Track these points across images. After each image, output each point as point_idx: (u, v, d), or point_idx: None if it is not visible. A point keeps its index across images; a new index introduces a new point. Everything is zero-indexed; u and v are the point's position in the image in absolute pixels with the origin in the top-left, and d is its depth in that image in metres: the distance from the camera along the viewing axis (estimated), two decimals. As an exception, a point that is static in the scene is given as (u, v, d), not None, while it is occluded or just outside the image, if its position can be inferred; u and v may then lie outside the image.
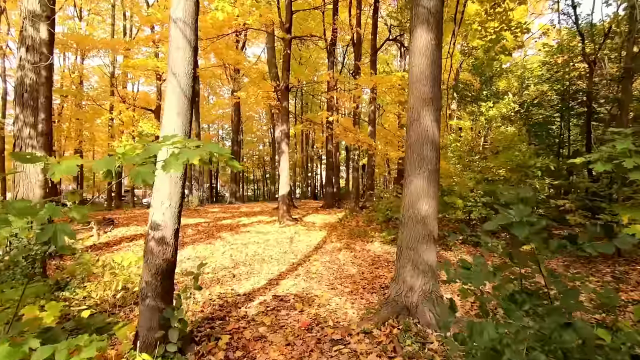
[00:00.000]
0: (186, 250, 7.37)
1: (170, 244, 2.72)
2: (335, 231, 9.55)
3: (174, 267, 2.82)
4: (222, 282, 5.11)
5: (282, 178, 10.91)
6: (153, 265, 2.66)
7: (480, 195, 7.67)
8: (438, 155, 3.69)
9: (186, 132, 2.79)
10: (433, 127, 3.63)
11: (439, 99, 3.74)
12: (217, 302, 4.15)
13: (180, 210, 2.79)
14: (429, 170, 3.60)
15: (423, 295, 3.47)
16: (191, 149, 1.94)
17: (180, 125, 2.74)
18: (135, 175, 1.71)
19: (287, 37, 11.15)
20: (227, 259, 6.62)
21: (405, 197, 3.73)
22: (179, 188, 2.75)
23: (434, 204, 3.60)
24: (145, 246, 2.70)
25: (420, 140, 3.63)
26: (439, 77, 3.70)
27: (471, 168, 9.83)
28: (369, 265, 6.23)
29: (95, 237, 8.14)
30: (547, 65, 14.00)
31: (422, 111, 3.63)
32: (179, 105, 2.74)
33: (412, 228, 3.59)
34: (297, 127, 19.84)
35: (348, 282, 5.18)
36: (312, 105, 29.47)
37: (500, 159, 7.88)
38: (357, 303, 4.21)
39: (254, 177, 41.42)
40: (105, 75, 21.49)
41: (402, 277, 3.61)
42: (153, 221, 2.70)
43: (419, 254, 3.53)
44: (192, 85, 2.83)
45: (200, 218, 12.40)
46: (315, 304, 4.17)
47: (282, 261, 6.47)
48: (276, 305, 4.15)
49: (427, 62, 3.63)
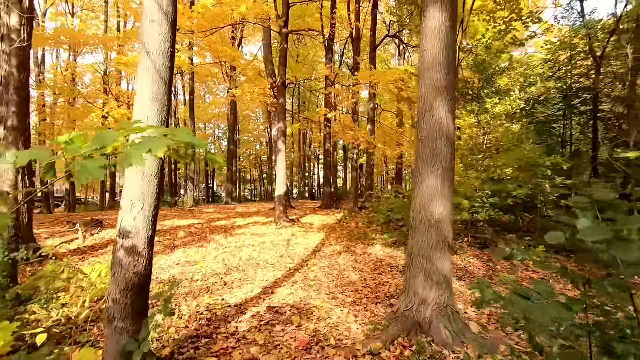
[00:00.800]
0: (176, 254, 6.92)
1: (143, 255, 2.28)
2: (334, 233, 9.12)
3: (148, 282, 2.37)
4: (213, 291, 4.66)
5: (279, 178, 10.48)
6: (122, 279, 2.22)
7: (487, 196, 7.27)
8: (453, 150, 3.27)
9: (163, 122, 2.36)
10: (447, 119, 3.21)
11: (454, 87, 3.33)
12: (205, 316, 3.71)
13: (156, 214, 2.36)
14: (444, 167, 3.19)
15: (438, 309, 3.05)
16: (157, 138, 1.51)
17: (155, 113, 2.30)
18: (79, 171, 1.29)
19: (283, 31, 10.72)
20: (219, 264, 6.18)
21: (416, 198, 3.31)
22: (154, 187, 2.32)
23: (449, 206, 3.19)
24: (113, 257, 2.27)
25: (433, 134, 3.21)
26: (453, 62, 3.28)
27: (474, 167, 9.44)
28: (372, 270, 5.81)
29: (80, 240, 7.67)
30: (549, 63, 13.68)
31: (436, 101, 3.21)
32: (153, 89, 2.30)
33: (425, 233, 3.18)
34: (295, 126, 19.45)
35: (350, 290, 4.76)
36: (310, 105, 29.07)
37: (509, 158, 7.48)
38: (360, 316, 3.78)
39: (251, 177, 40.99)
40: (97, 73, 20.94)
41: (413, 288, 3.19)
42: (122, 227, 2.26)
43: (433, 263, 3.11)
44: (170, 67, 2.40)
45: (193, 219, 11.93)
46: (314, 317, 3.74)
47: (279, 266, 6.04)
48: (271, 318, 3.71)
49: (441, 46, 3.22)
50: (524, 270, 6.14)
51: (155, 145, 1.41)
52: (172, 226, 10.35)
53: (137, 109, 2.32)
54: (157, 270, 5.72)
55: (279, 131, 10.85)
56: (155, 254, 6.92)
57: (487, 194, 7.22)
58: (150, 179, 2.29)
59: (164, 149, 1.43)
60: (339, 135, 12.68)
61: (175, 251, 7.16)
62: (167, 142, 1.43)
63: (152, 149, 1.39)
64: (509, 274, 5.99)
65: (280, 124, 10.84)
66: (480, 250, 7.49)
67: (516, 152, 7.62)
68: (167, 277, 5.31)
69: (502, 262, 6.75)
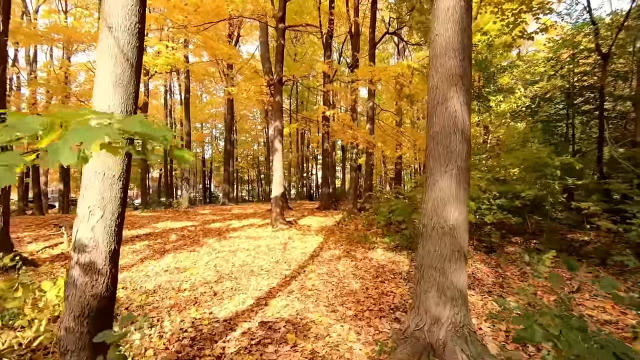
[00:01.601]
0: (165, 259, 6.51)
1: (104, 272, 1.88)
2: (332, 236, 8.74)
3: (110, 305, 1.97)
4: (200, 302, 4.26)
5: (275, 178, 10.08)
6: (77, 303, 1.82)
7: (494, 197, 6.91)
8: (469, 147, 2.89)
9: (129, 112, 1.96)
10: (463, 111, 2.83)
11: (470, 76, 2.94)
12: (189, 334, 3.30)
13: (121, 222, 1.96)
14: (458, 167, 2.80)
15: (453, 329, 2.66)
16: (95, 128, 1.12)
17: (118, 101, 1.91)
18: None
19: (280, 26, 10.32)
20: (210, 271, 5.77)
21: (427, 202, 2.92)
22: (117, 191, 1.92)
23: (464, 211, 2.81)
24: (66, 275, 1.87)
25: (447, 129, 2.83)
26: (469, 48, 2.90)
27: (477, 167, 9.08)
28: (373, 277, 5.42)
29: (65, 244, 7.24)
30: (551, 61, 13.34)
31: (449, 92, 2.82)
32: (117, 72, 1.90)
33: (437, 241, 2.79)
34: (292, 126, 19.06)
35: (350, 301, 4.37)
36: (308, 104, 28.70)
37: (516, 157, 7.12)
38: (363, 333, 3.39)
39: (249, 177, 40.61)
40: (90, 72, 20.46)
41: (424, 305, 2.80)
42: (77, 239, 1.86)
43: (446, 276, 2.73)
44: (138, 47, 2.00)
45: (187, 221, 11.51)
46: (311, 334, 3.35)
47: (274, 273, 5.64)
48: (263, 336, 3.31)
49: (456, 29, 2.83)
50: (535, 277, 5.77)
51: (89, 135, 1.01)
52: (165, 228, 9.94)
53: (97, 96, 1.92)
54: (142, 278, 5.32)
55: (275, 130, 10.45)
56: (144, 259, 6.51)
57: (494, 195, 6.86)
58: (112, 180, 1.89)
59: (101, 140, 1.04)
60: (338, 134, 12.29)
61: (164, 256, 6.75)
62: (106, 132, 1.04)
63: (85, 140, 1.00)
64: (519, 280, 5.62)
65: (276, 122, 10.44)
66: (487, 254, 7.13)
67: (523, 152, 7.26)
68: (153, 286, 4.91)
69: (510, 267, 6.38)
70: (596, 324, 3.76)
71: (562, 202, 7.23)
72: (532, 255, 6.03)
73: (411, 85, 8.63)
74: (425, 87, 9.42)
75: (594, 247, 7.06)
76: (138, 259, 6.51)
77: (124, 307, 3.92)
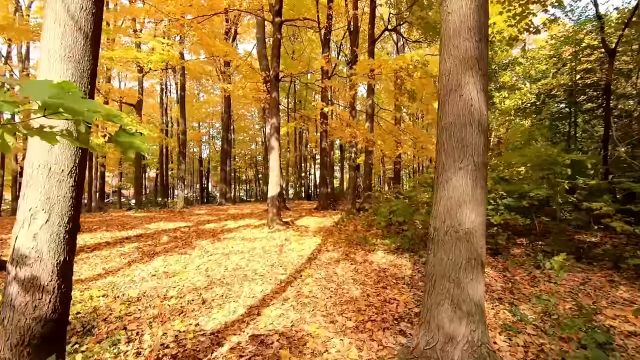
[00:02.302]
0: (154, 262, 6.15)
1: (50, 290, 1.53)
2: (331, 237, 8.39)
3: (59, 331, 1.61)
4: (187, 312, 3.90)
5: (272, 177, 9.72)
6: (15, 328, 1.46)
7: (500, 197, 6.57)
8: (487, 140, 2.54)
9: (85, 92, 1.61)
10: (479, 99, 2.48)
11: (487, 60, 2.60)
12: (170, 351, 2.94)
13: (73, 228, 1.61)
14: (475, 162, 2.46)
15: (470, 349, 2.32)
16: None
17: (69, 78, 1.55)
18: None
19: (276, 20, 9.96)
20: (201, 276, 5.41)
21: (438, 202, 2.57)
22: (67, 189, 1.56)
23: (482, 212, 2.46)
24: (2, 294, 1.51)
25: (461, 120, 2.48)
26: (486, 27, 2.56)
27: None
28: (375, 283, 5.08)
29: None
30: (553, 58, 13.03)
31: (465, 77, 2.48)
32: (66, 43, 1.55)
33: (451, 248, 2.44)
34: (290, 125, 18.71)
35: (350, 310, 4.02)
36: (306, 103, 28.35)
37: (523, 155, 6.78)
38: (365, 348, 3.04)
39: (247, 177, 40.24)
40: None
41: (436, 320, 2.45)
42: (16, 249, 1.50)
43: (462, 288, 2.38)
44: (95, 13, 1.64)
45: (181, 222, 11.15)
46: (307, 350, 3.00)
47: (268, 278, 5.29)
48: (253, 352, 2.96)
49: (471, 5, 2.48)
50: (545, 282, 5.44)
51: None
52: (157, 230, 9.58)
53: (43, 73, 1.57)
54: (127, 284, 4.95)
55: (272, 127, 10.10)
56: (132, 263, 6.13)
57: (501, 194, 6.52)
58: (60, 176, 1.53)
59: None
60: (336, 132, 11.94)
61: (154, 259, 6.39)
62: None
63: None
64: (529, 285, 5.29)
65: (273, 120, 10.09)
66: (493, 257, 6.79)
67: (530, 149, 6.92)
68: (137, 293, 4.54)
69: (519, 271, 6.05)
70: (620, 336, 3.43)
71: (571, 202, 6.89)
72: (540, 257, 5.71)
73: (412, 78, 8.26)
74: (427, 82, 9.07)
75: (603, 249, 6.74)
76: (125, 262, 6.14)
77: (101, 319, 3.56)
